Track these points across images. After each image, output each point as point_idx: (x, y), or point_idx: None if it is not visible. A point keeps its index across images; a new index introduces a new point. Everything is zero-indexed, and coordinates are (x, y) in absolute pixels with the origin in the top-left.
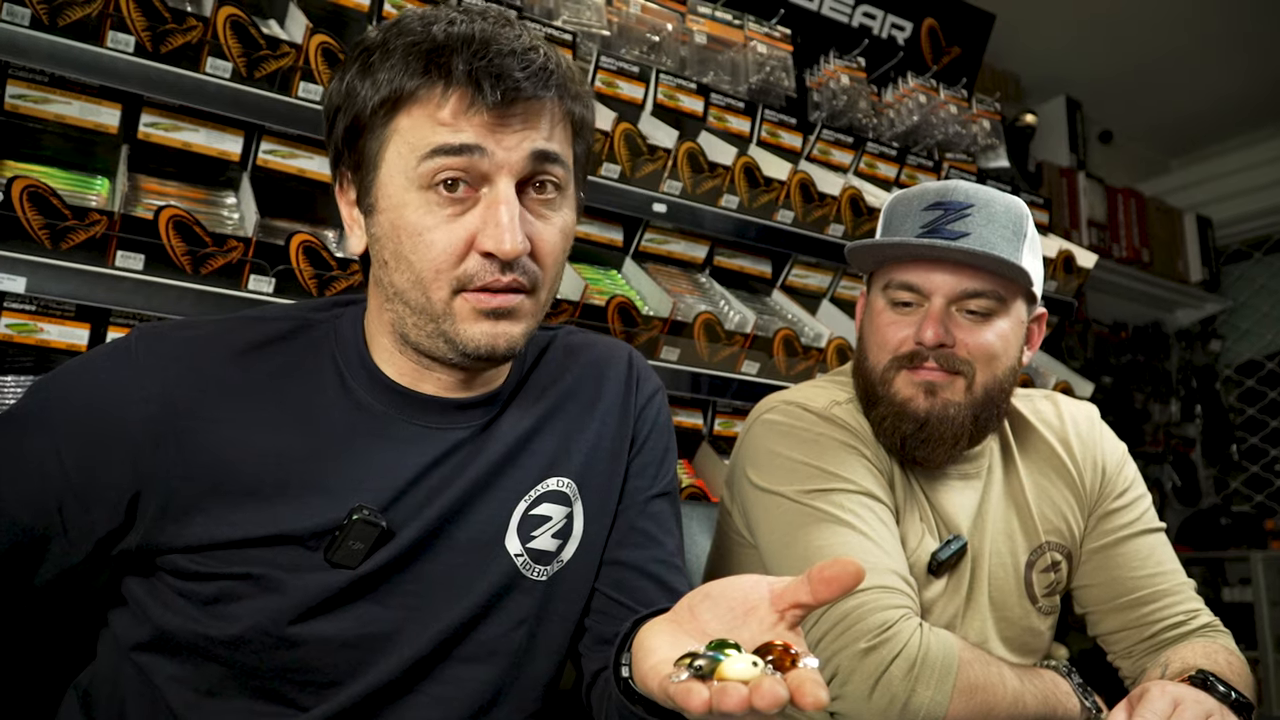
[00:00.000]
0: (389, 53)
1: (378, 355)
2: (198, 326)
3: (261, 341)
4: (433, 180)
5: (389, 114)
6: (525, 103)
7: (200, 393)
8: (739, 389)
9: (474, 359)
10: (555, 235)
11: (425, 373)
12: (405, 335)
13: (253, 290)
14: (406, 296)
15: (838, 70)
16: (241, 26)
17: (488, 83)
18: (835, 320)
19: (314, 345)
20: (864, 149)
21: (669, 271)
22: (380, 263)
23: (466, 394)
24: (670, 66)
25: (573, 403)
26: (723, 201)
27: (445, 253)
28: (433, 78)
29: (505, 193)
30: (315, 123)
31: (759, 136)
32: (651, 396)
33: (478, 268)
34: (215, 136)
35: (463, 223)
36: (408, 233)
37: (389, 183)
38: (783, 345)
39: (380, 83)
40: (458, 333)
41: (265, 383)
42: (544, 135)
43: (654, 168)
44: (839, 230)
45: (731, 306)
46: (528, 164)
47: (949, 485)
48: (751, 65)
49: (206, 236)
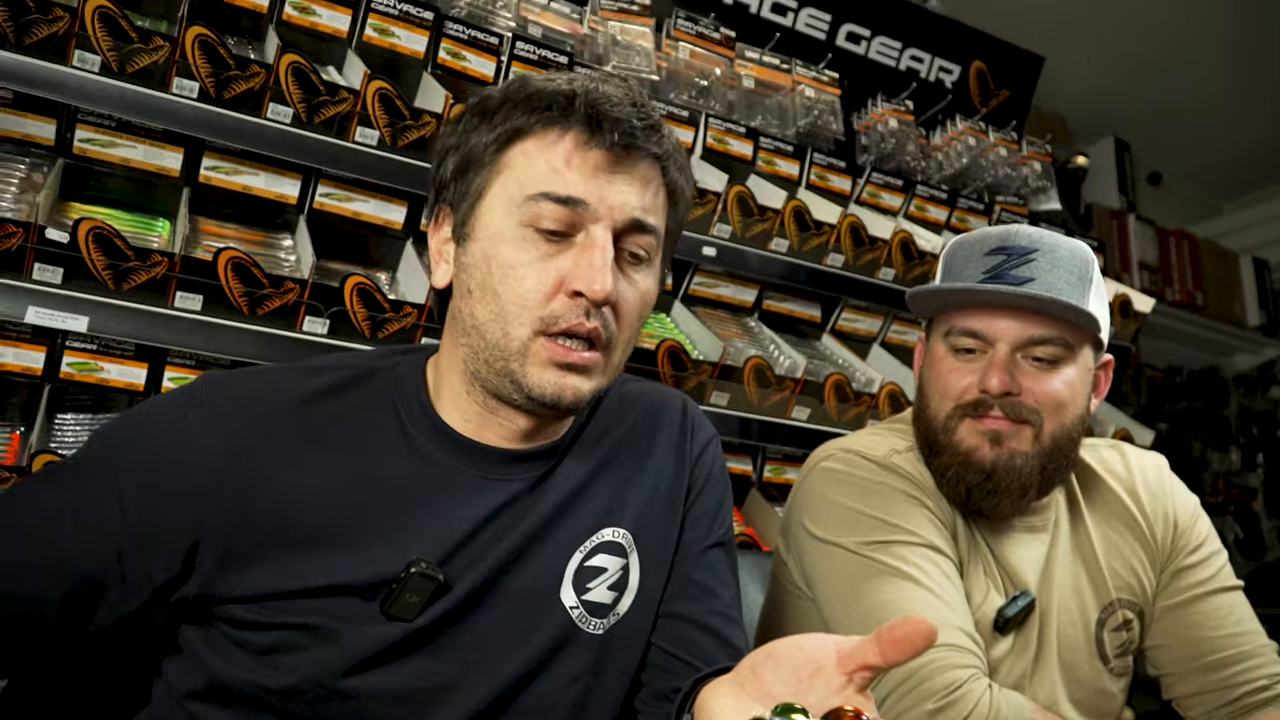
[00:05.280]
0: (511, 98)
1: (442, 401)
2: (261, 376)
3: (323, 390)
4: (533, 223)
5: (502, 148)
6: (636, 156)
7: (263, 443)
8: (789, 435)
9: (538, 404)
10: (637, 297)
11: (489, 419)
12: (476, 373)
13: (307, 332)
14: (485, 330)
15: (886, 113)
16: (303, 73)
17: (606, 124)
18: (886, 365)
19: (375, 394)
20: (914, 192)
21: (718, 315)
22: (464, 292)
23: (528, 445)
24: (719, 110)
25: (627, 452)
26: (772, 245)
27: (534, 291)
28: (552, 115)
29: (601, 239)
30: (372, 166)
31: (808, 179)
32: (706, 445)
33: (564, 309)
34: (274, 180)
35: (555, 264)
36: (499, 264)
37: (488, 213)
38: (834, 390)
39: (497, 123)
40: (527, 375)
41: (326, 432)
42: (647, 200)
43: (704, 211)
44: (890, 274)
45: (781, 351)
46: (627, 222)
47: (1014, 538)
48: (800, 109)
49: (264, 278)
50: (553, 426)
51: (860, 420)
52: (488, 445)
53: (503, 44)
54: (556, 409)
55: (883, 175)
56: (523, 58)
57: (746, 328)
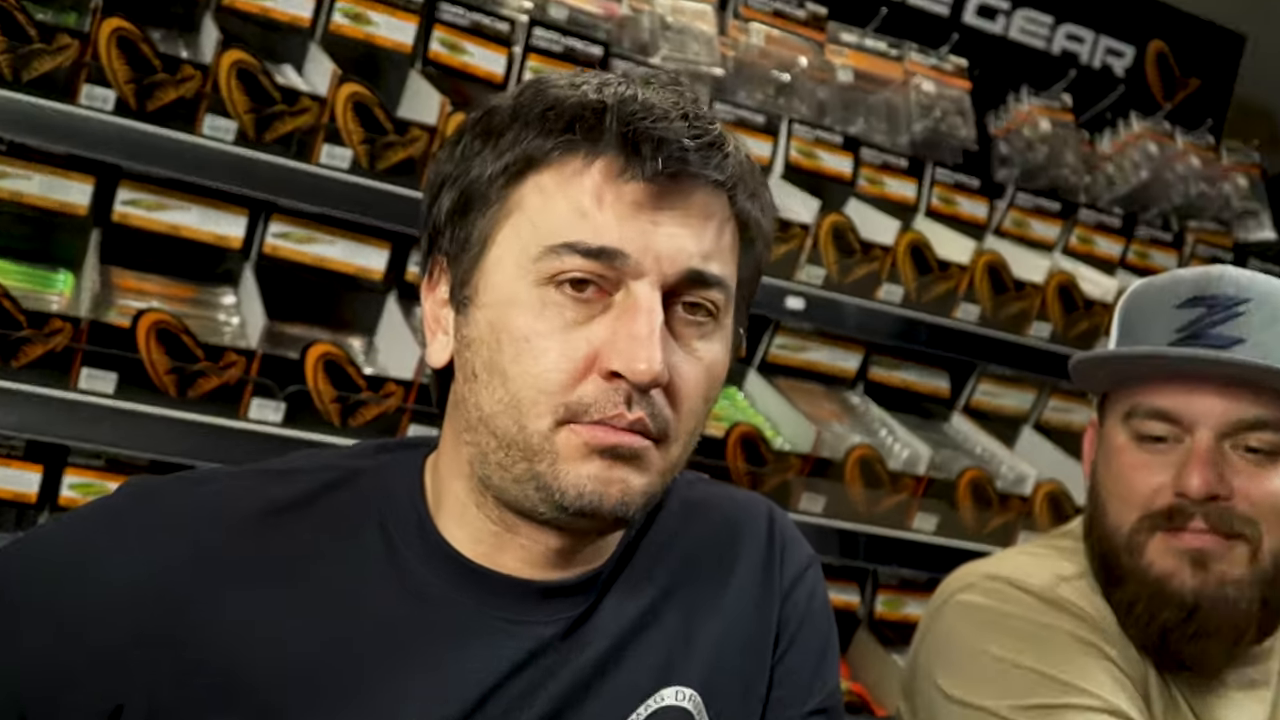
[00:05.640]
0: (523, 113)
1: (444, 516)
2: (204, 482)
3: (287, 503)
4: (554, 277)
5: (511, 182)
6: (690, 185)
7: (205, 574)
8: (910, 553)
9: (574, 514)
10: (699, 374)
11: (509, 539)
12: (487, 479)
13: (256, 420)
14: (494, 423)
15: (1034, 111)
16: (251, 75)
17: (647, 146)
18: (1043, 455)
19: (356, 507)
20: (1075, 218)
21: (808, 389)
22: (467, 375)
23: (560, 575)
24: (806, 114)
25: (694, 582)
26: (881, 293)
27: (557, 369)
28: (575, 138)
29: (647, 299)
30: (342, 196)
31: (928, 204)
32: (803, 572)
33: (597, 395)
34: (212, 217)
35: (585, 333)
36: (511, 337)
37: (496, 270)
38: (971, 491)
39: (505, 147)
40: (557, 475)
41: (291, 559)
42: (707, 242)
43: (787, 249)
44: (1044, 330)
45: (896, 437)
46: (681, 275)
47: (1227, 698)
48: (916, 109)
49: (198, 349)
50: (593, 547)
51: (1008, 534)
52: (507, 575)
53: (515, 31)
54: (598, 516)
55: (1031, 196)
56: (542, 49)
57: (847, 405)
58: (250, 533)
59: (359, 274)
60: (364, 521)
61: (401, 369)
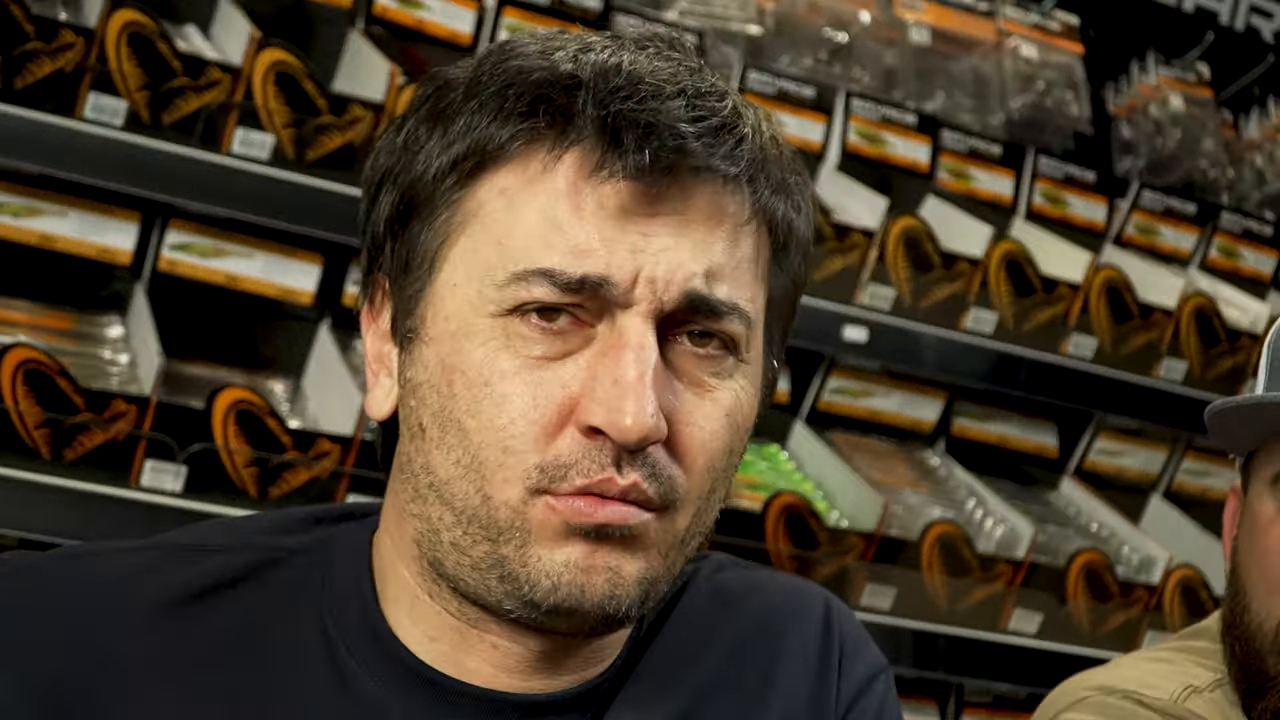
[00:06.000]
0: (479, 90)
1: (393, 606)
2: (96, 561)
3: (200, 589)
4: (521, 306)
5: (464, 182)
6: (691, 182)
7: (97, 675)
8: (1005, 661)
9: (547, 612)
10: (716, 420)
11: (475, 638)
12: (439, 563)
13: (149, 488)
14: (450, 491)
15: (1164, 84)
16: (145, 42)
17: (630, 134)
18: (1176, 533)
19: (287, 596)
20: (1216, 224)
21: (873, 446)
22: (413, 429)
23: (547, 686)
24: (869, 85)
25: (726, 694)
26: (968, 320)
27: (525, 419)
28: (539, 124)
29: (636, 335)
30: (261, 195)
31: (1029, 204)
32: (869, 684)
33: (576, 453)
34: (94, 224)
35: (559, 373)
36: (467, 380)
37: (449, 296)
38: (1084, 580)
39: (455, 136)
40: (526, 562)
41: (205, 660)
42: (717, 255)
43: (844, 263)
44: (1178, 369)
45: (988, 510)
46: (680, 300)
47: None
48: (1013, 79)
49: (76, 395)
50: (589, 650)
51: (1132, 634)
52: (473, 686)
53: None
54: (577, 616)
55: (1161, 195)
56: (522, 3)
57: (924, 468)
58: (154, 625)
59: (283, 297)
60: (297, 616)
61: (338, 421)
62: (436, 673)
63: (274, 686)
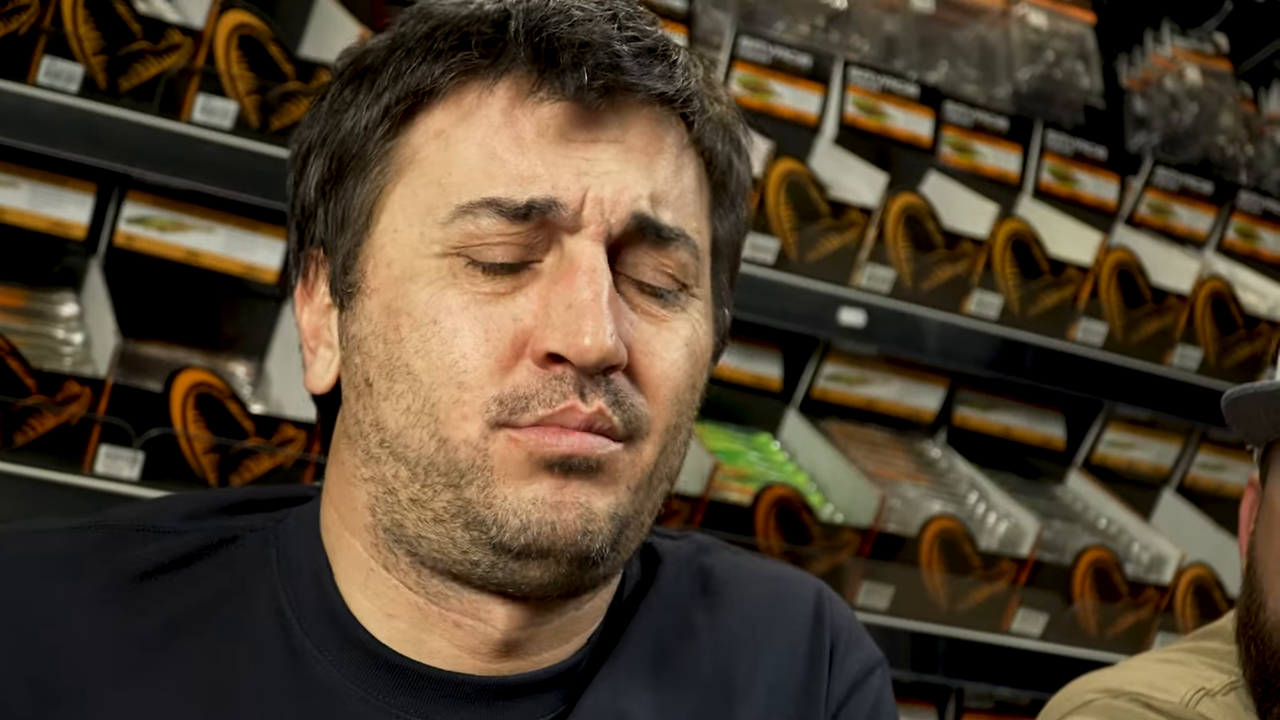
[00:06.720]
0: (404, 41)
1: (348, 584)
2: (40, 541)
3: (151, 569)
4: (466, 247)
5: (396, 130)
6: (627, 105)
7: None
8: (1007, 664)
9: (519, 554)
10: (677, 350)
11: (435, 615)
12: (397, 527)
13: (104, 475)
14: (401, 443)
15: (1179, 56)
16: (104, 4)
17: (566, 54)
18: (1189, 529)
19: (242, 576)
20: (1233, 204)
21: (870, 437)
22: (359, 388)
23: (514, 668)
24: (868, 54)
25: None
26: (971, 304)
27: (477, 353)
28: (470, 55)
29: (588, 257)
30: (223, 166)
31: (1037, 182)
32: (863, 679)
33: (534, 384)
34: (46, 195)
35: (509, 308)
36: (414, 321)
37: (391, 243)
38: (1092, 578)
39: (383, 86)
40: (491, 502)
41: (154, 643)
42: (660, 179)
43: (841, 242)
44: (1192, 357)
45: (991, 504)
46: (629, 221)
47: None
48: (1020, 50)
49: (27, 377)
50: (560, 623)
51: (1141, 636)
52: (436, 670)
53: None
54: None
55: (1176, 173)
56: None
57: (924, 460)
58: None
59: (245, 274)
60: (252, 597)
61: (302, 406)
62: (396, 655)
63: (228, 667)
